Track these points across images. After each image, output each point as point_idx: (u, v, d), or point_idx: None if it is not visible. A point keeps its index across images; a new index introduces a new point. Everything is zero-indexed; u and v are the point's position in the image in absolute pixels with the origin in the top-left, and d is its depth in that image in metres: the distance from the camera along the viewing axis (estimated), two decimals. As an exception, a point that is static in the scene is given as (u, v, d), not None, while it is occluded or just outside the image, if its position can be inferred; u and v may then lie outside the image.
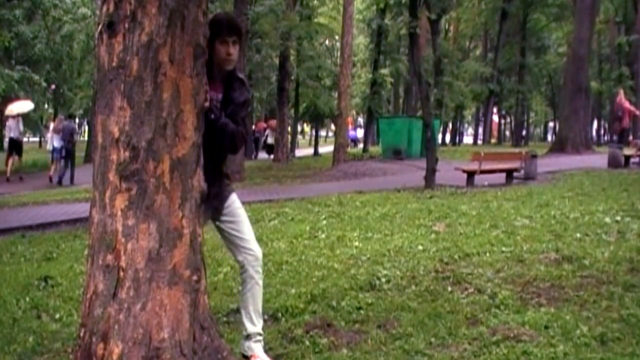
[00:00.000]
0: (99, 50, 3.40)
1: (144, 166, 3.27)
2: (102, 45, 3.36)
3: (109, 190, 3.29)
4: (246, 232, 4.04)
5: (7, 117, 22.96)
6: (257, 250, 4.01)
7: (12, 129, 22.43)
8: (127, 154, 3.27)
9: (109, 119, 3.30)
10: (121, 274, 3.26)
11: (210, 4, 17.02)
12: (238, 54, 3.88)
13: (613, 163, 18.48)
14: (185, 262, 3.39)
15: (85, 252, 3.50)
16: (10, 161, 21.98)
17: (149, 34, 3.27)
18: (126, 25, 3.27)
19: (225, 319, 4.95)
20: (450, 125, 58.82)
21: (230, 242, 4.04)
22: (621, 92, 22.38)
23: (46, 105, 40.68)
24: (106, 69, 3.33)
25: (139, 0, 3.25)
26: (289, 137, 36.96)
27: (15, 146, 22.22)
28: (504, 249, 6.88)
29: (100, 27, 3.37)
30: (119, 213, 3.27)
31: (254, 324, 3.95)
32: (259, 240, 8.33)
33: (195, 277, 3.45)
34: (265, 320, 4.77)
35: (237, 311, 4.39)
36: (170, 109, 3.33)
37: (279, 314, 4.96)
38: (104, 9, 3.34)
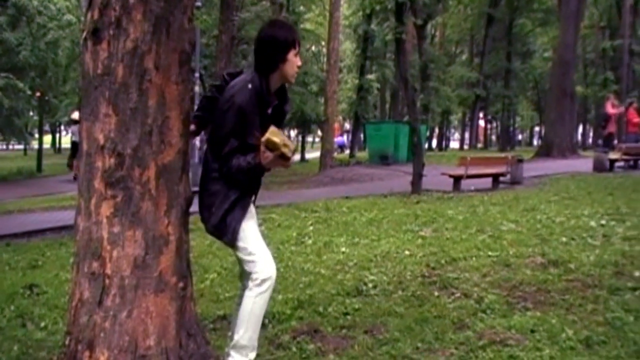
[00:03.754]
0: (84, 57, 3.39)
1: (130, 173, 3.26)
2: (87, 52, 3.35)
3: (95, 198, 3.28)
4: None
5: (72, 121, 23.42)
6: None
7: (75, 134, 23.05)
8: (112, 160, 3.26)
9: (94, 125, 3.29)
10: (107, 281, 3.24)
11: (196, 10, 17.08)
12: None
13: (598, 167, 18.57)
14: (172, 268, 3.38)
15: (71, 259, 3.48)
16: (75, 163, 22.39)
17: (134, 40, 3.26)
18: (111, 32, 3.26)
19: (212, 325, 4.93)
20: (436, 130, 59.04)
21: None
22: (611, 97, 22.51)
23: (31, 113, 40.45)
24: (91, 76, 3.32)
25: (123, 7, 3.24)
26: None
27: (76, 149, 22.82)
28: (490, 253, 6.90)
29: (85, 33, 3.36)
30: (105, 220, 3.26)
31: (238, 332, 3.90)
32: (246, 246, 8.33)
33: (181, 284, 3.44)
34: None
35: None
36: (155, 115, 3.33)
37: (266, 320, 4.93)
38: (89, 15, 3.34)
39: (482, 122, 59.37)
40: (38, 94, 32.87)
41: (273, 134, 3.39)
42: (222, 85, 3.78)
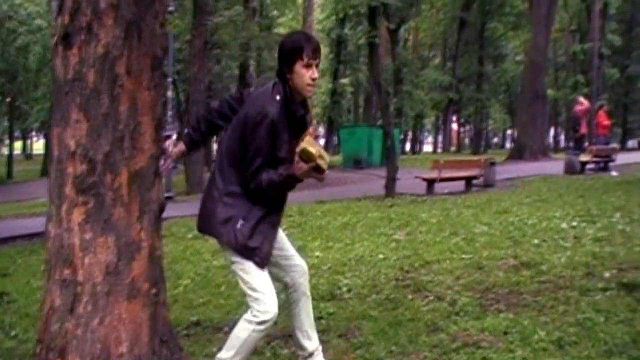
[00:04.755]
0: (55, 63, 3.36)
1: (102, 179, 3.24)
2: (58, 58, 3.32)
3: (66, 204, 3.25)
4: (289, 249, 3.82)
5: None
6: (303, 264, 3.82)
7: None
8: (84, 167, 3.23)
9: (66, 132, 3.26)
10: (79, 288, 3.22)
11: (168, 15, 16.99)
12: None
13: (570, 169, 18.77)
14: (145, 275, 3.36)
15: (42, 267, 3.45)
16: None
17: (106, 46, 3.24)
18: (82, 38, 3.23)
19: (185, 332, 4.91)
20: (410, 134, 59.30)
21: (274, 265, 3.70)
22: (581, 99, 22.76)
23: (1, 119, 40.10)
24: (62, 82, 3.29)
25: (95, 12, 3.22)
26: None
27: None
28: (463, 256, 6.94)
29: (56, 39, 3.34)
30: (76, 227, 3.23)
31: (312, 340, 3.87)
32: (220, 252, 8.34)
33: (154, 291, 3.42)
34: (225, 333, 4.76)
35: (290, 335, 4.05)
36: (128, 121, 3.31)
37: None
38: (60, 21, 3.31)
39: (455, 126, 59.81)
40: (9, 99, 32.56)
41: (309, 144, 3.30)
42: (241, 98, 3.72)
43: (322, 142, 52.50)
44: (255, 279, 3.48)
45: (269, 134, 3.37)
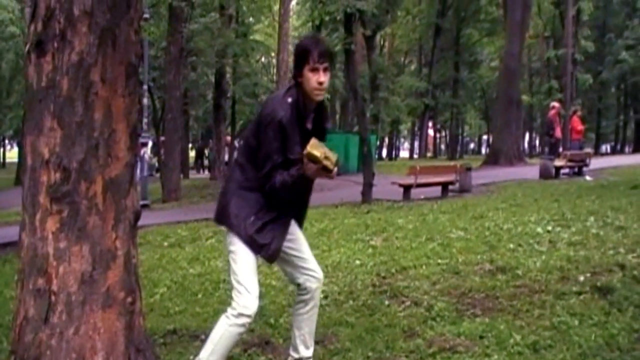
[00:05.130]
0: (27, 70, 3.33)
1: (76, 187, 3.22)
2: (30, 65, 3.30)
3: (40, 213, 3.22)
4: (306, 251, 3.88)
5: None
6: (319, 271, 3.86)
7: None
8: (58, 175, 3.21)
9: (39, 140, 3.24)
10: (53, 297, 3.19)
11: (143, 22, 16.88)
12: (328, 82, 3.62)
13: (544, 174, 18.93)
14: (120, 284, 3.34)
15: (16, 276, 3.41)
16: None
17: (80, 53, 3.22)
18: (55, 45, 3.21)
19: (162, 340, 4.87)
20: (386, 140, 59.50)
21: (288, 263, 3.82)
22: (556, 106, 22.98)
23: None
24: (35, 89, 3.27)
25: (68, 19, 3.20)
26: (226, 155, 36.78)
27: None
28: (439, 261, 6.97)
29: (28, 46, 3.32)
30: (50, 236, 3.20)
31: (308, 348, 3.90)
32: (196, 259, 8.33)
33: (130, 299, 3.40)
34: (202, 341, 4.74)
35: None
36: (102, 129, 3.29)
37: (217, 334, 4.91)
38: (32, 27, 3.29)
39: (431, 132, 60.13)
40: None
41: (314, 147, 3.37)
42: None
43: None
44: (244, 274, 3.55)
45: (277, 136, 3.46)
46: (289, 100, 3.51)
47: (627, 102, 57.82)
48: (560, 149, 22.29)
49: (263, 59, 51.81)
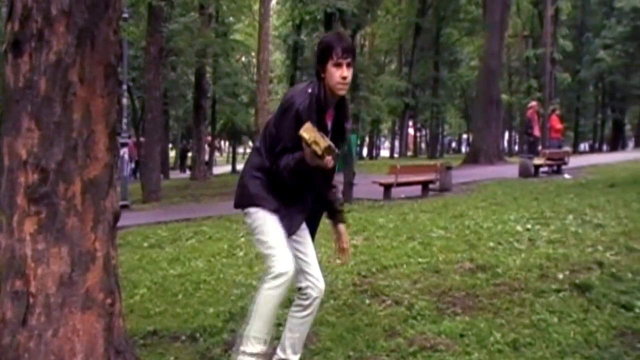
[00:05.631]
0: (4, 70, 3.30)
1: (54, 189, 3.19)
2: (7, 65, 3.27)
3: (17, 214, 3.19)
4: (312, 257, 3.91)
5: None
6: (321, 280, 3.89)
7: None
8: (36, 176, 3.18)
9: (17, 140, 3.21)
10: (31, 300, 3.16)
11: (123, 22, 16.78)
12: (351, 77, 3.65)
13: (524, 173, 19.06)
14: (99, 285, 3.32)
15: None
16: None
17: (58, 53, 3.20)
18: (33, 45, 3.19)
19: (142, 341, 4.84)
20: (367, 139, 59.59)
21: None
22: (533, 104, 23.15)
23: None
24: (12, 90, 3.23)
25: (46, 18, 3.18)
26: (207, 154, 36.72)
27: None
28: (420, 260, 6.99)
29: (5, 46, 3.29)
30: (28, 237, 3.18)
31: (296, 353, 3.92)
32: (176, 260, 8.29)
33: (109, 301, 3.38)
34: (182, 342, 4.73)
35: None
36: (80, 129, 3.26)
37: (197, 334, 4.89)
38: (9, 27, 3.26)
39: (411, 131, 60.25)
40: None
41: (305, 130, 3.37)
42: None
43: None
44: (273, 239, 3.62)
45: (292, 123, 3.49)
46: (309, 91, 3.58)
47: (604, 101, 58.37)
48: (540, 148, 22.44)
49: (243, 59, 51.67)
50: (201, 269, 7.59)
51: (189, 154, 44.24)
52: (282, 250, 3.59)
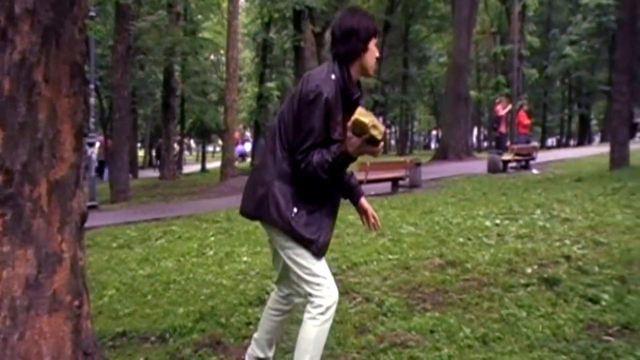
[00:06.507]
0: (-33, 71, 3.25)
1: (19, 190, 3.15)
2: (-30, 65, 3.22)
3: (-18, 217, 3.15)
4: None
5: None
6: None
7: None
8: (0, 177, 3.14)
9: (-20, 142, 3.16)
10: (-3, 303, 3.12)
11: (90, 20, 16.62)
12: None
13: (492, 168, 19.23)
14: (66, 287, 3.28)
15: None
16: None
17: (22, 52, 3.15)
18: (-5, 44, 3.14)
19: (111, 343, 4.81)
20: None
21: (285, 269, 3.64)
22: (503, 100, 23.35)
23: None
24: (-25, 90, 3.19)
25: (9, 17, 3.13)
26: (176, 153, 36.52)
27: None
28: (390, 256, 7.02)
29: (-33, 46, 3.23)
30: (-7, 239, 3.13)
31: (272, 352, 3.93)
32: (146, 260, 8.24)
33: (77, 302, 3.34)
34: (152, 342, 4.70)
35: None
36: (46, 129, 3.22)
37: (167, 335, 4.86)
38: (-29, 27, 3.21)
39: (381, 128, 60.34)
40: None
41: (361, 115, 3.14)
42: None
43: (249, 146, 52.40)
44: (314, 263, 3.39)
45: (322, 113, 3.26)
46: (333, 77, 3.35)
47: (571, 96, 59.07)
48: (508, 143, 22.63)
49: (212, 57, 51.44)
50: (171, 268, 7.55)
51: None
52: (329, 279, 3.41)
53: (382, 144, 3.24)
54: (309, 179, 3.32)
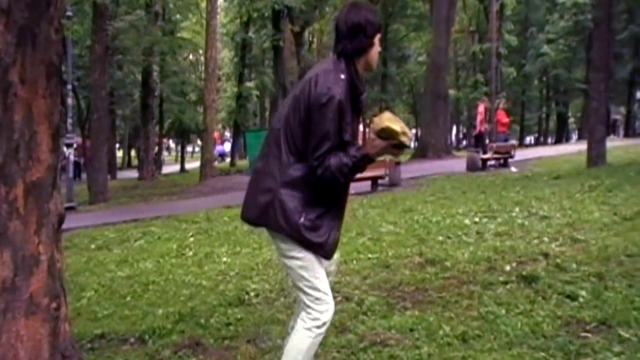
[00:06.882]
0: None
1: (-5, 192, 3.13)
2: (-55, 66, 3.19)
3: (-43, 219, 3.12)
4: (328, 265, 3.63)
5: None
6: (336, 262, 3.67)
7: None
8: (-25, 179, 3.11)
9: (-45, 143, 3.13)
10: (-27, 306, 3.10)
11: (67, 20, 16.47)
12: None
13: (471, 167, 19.29)
14: (44, 290, 3.26)
15: None
16: None
17: (-3, 53, 3.13)
18: (-30, 45, 3.11)
19: (89, 345, 4.77)
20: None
21: None
22: (485, 100, 23.49)
23: None
24: (-50, 91, 3.16)
25: (-17, 18, 3.11)
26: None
27: None
28: (370, 255, 7.02)
29: (-59, 46, 3.20)
30: (-31, 242, 3.11)
31: None
32: (124, 261, 8.20)
33: (54, 305, 3.32)
34: (131, 344, 4.68)
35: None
36: (22, 130, 3.20)
37: (146, 336, 4.83)
38: (-55, 27, 3.18)
39: (360, 127, 60.45)
40: None
41: (391, 121, 3.07)
42: None
43: (228, 146, 52.29)
44: (317, 277, 3.30)
45: (335, 116, 3.13)
46: (342, 76, 3.21)
47: (549, 95, 59.48)
48: (487, 142, 22.72)
49: (191, 57, 51.30)
50: (150, 270, 7.52)
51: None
52: (329, 295, 3.35)
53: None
54: (325, 183, 3.20)
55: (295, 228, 3.19)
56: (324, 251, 3.29)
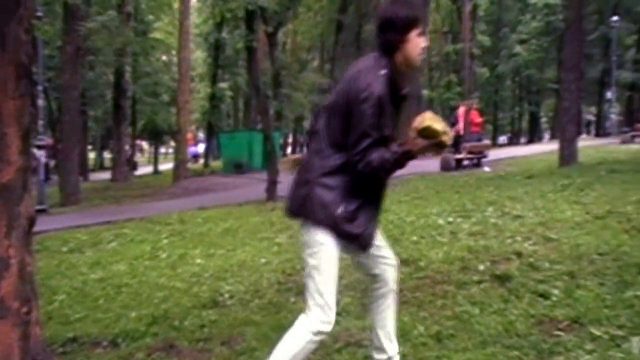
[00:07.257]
0: None
1: (-36, 195, 3.08)
2: None
3: None
4: (380, 238, 3.62)
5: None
6: (393, 257, 3.66)
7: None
8: (-57, 182, 3.07)
9: None
10: (-59, 311, 3.05)
11: (37, 21, 16.26)
12: None
13: (445, 166, 19.38)
14: (14, 293, 3.22)
15: None
16: None
17: (-36, 54, 3.09)
18: (-63, 46, 3.07)
19: (61, 349, 4.72)
20: (290, 136, 59.64)
21: (366, 255, 3.54)
22: (467, 104, 23.64)
23: None
24: None
25: (-49, 18, 3.07)
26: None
27: None
28: (344, 256, 7.00)
29: None
30: (-63, 246, 3.06)
31: (393, 343, 3.68)
32: (97, 264, 8.14)
33: (25, 309, 3.28)
34: (104, 347, 4.64)
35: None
36: (-9, 132, 3.16)
37: (119, 339, 4.79)
38: None
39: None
40: None
41: (433, 121, 3.09)
42: None
43: (202, 147, 52.09)
44: (327, 283, 3.29)
45: (376, 111, 3.14)
46: (382, 72, 3.22)
47: (521, 95, 59.97)
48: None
49: (164, 58, 50.95)
50: (123, 272, 7.46)
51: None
52: (331, 302, 3.30)
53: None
54: (366, 177, 3.22)
55: (333, 219, 3.20)
56: (360, 242, 3.31)
